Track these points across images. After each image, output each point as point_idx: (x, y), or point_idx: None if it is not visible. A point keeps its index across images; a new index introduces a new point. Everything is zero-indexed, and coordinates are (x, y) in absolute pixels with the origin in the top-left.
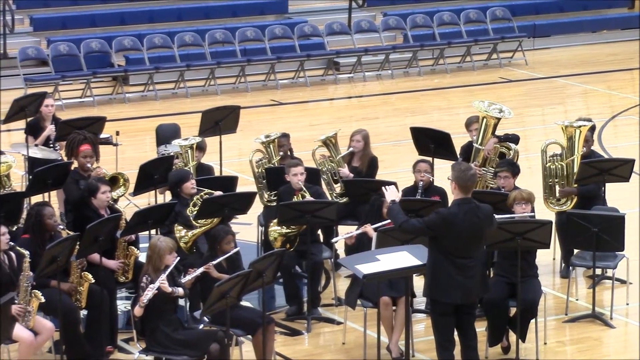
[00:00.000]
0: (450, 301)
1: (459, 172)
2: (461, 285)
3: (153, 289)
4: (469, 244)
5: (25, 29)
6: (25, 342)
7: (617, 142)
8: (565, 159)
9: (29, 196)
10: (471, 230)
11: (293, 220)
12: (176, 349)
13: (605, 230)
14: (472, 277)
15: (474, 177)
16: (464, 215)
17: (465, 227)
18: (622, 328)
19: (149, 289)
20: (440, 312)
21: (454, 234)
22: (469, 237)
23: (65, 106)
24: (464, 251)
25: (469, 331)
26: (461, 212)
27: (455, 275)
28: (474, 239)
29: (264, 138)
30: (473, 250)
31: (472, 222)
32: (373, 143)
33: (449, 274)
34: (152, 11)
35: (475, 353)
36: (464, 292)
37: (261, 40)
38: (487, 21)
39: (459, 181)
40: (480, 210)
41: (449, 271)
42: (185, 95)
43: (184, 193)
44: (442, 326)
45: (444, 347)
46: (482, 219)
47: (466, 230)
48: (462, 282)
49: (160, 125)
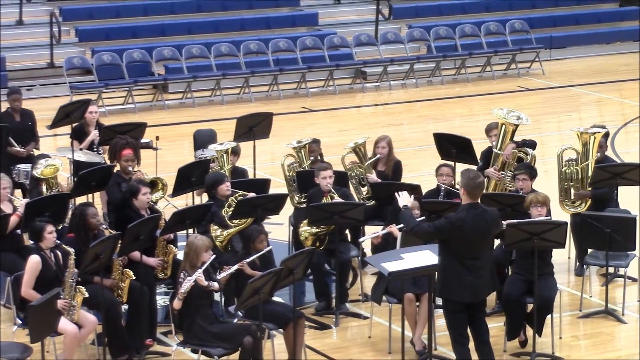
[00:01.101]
0: (461, 300)
1: (468, 179)
2: (471, 284)
3: (190, 281)
4: (477, 246)
5: (71, 39)
6: (69, 334)
7: (629, 148)
8: (580, 163)
9: (74, 197)
10: (479, 233)
11: (322, 220)
12: (212, 342)
13: (618, 231)
14: (481, 277)
15: (482, 184)
16: (472, 220)
17: (473, 230)
18: (634, 324)
19: (186, 281)
20: (453, 310)
21: (463, 237)
22: (477, 240)
23: (108, 112)
24: (473, 253)
25: (481, 327)
26: (469, 216)
27: (465, 276)
28: (481, 241)
29: (296, 143)
30: (481, 251)
31: (480, 226)
32: (398, 148)
33: (458, 274)
34: (190, 23)
35: (489, 347)
36: (473, 291)
37: (293, 51)
38: (507, 33)
39: (467, 188)
40: (487, 214)
41: (458, 272)
42: (221, 103)
43: (219, 195)
44: (456, 323)
45: (459, 342)
46: (489, 222)
47: (474, 233)
48: (471, 281)
49: (197, 131)
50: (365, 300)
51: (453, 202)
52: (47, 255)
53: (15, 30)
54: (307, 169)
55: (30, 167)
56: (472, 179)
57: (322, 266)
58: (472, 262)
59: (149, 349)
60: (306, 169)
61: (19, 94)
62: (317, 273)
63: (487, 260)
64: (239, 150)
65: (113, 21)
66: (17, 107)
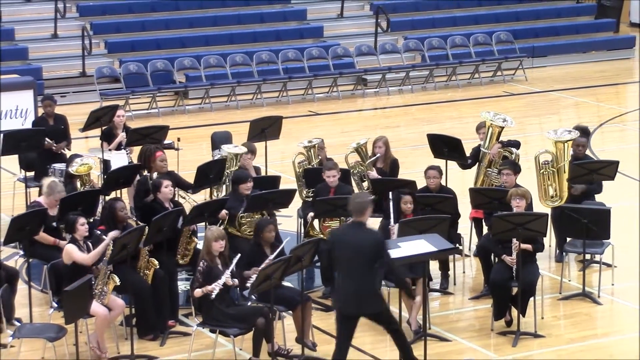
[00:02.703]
0: (335, 307)
1: (353, 200)
2: (343, 296)
3: (219, 284)
4: (354, 260)
5: (100, 51)
6: (100, 316)
7: (604, 147)
8: (556, 165)
9: (104, 193)
10: (357, 249)
11: (328, 213)
12: (228, 323)
13: (594, 221)
14: (354, 292)
15: (362, 204)
16: (353, 235)
17: (351, 245)
18: (608, 305)
19: (216, 285)
20: (336, 318)
21: (341, 249)
22: (354, 255)
23: (135, 117)
24: (349, 268)
25: (387, 325)
26: (350, 231)
27: (341, 287)
28: (358, 258)
29: (307, 143)
30: (356, 269)
31: (358, 243)
32: (395, 148)
33: (338, 284)
34: (208, 36)
35: (400, 331)
36: (344, 303)
37: (300, 60)
38: (493, 44)
39: (351, 207)
40: (368, 235)
41: (338, 282)
42: (236, 107)
43: (239, 191)
44: (337, 329)
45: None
46: (368, 243)
47: (352, 248)
48: (344, 293)
49: (214, 133)
50: None
51: (445, 196)
52: (81, 245)
53: (50, 43)
54: (315, 166)
55: (64, 166)
56: (353, 199)
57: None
58: (348, 275)
59: (171, 329)
60: (314, 166)
61: (53, 101)
62: (323, 260)
63: (362, 279)
64: (255, 150)
65: (139, 34)
66: (51, 112)
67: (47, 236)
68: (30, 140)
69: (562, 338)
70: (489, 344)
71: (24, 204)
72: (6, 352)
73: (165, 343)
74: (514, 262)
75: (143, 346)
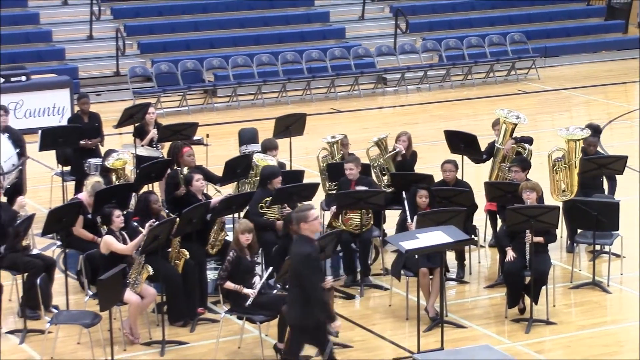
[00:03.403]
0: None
1: (295, 212)
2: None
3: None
4: (292, 274)
5: (133, 52)
6: (133, 304)
7: (614, 142)
8: (567, 162)
9: (137, 187)
10: (294, 262)
11: (349, 205)
12: (254, 310)
13: (603, 214)
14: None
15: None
16: (294, 247)
17: (293, 258)
18: (617, 294)
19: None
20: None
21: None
22: (292, 268)
23: (166, 114)
24: (292, 279)
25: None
26: (296, 245)
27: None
28: (293, 271)
29: (330, 138)
30: (292, 281)
31: (295, 258)
32: (414, 143)
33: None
34: (235, 37)
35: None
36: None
37: (323, 60)
38: (507, 44)
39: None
40: (298, 251)
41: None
42: (262, 105)
43: (270, 185)
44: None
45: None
46: (297, 257)
47: (292, 259)
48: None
49: (242, 129)
50: (386, 274)
51: (461, 190)
52: (117, 235)
53: (86, 44)
54: (338, 161)
55: (99, 160)
56: (296, 211)
57: (350, 244)
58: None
59: (200, 316)
60: (337, 161)
61: (87, 99)
62: (346, 251)
63: (291, 289)
64: (277, 145)
65: (170, 36)
66: (86, 109)
67: (86, 232)
68: (66, 137)
69: (573, 325)
70: (503, 330)
71: (60, 197)
72: (44, 338)
73: (194, 329)
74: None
75: (174, 332)
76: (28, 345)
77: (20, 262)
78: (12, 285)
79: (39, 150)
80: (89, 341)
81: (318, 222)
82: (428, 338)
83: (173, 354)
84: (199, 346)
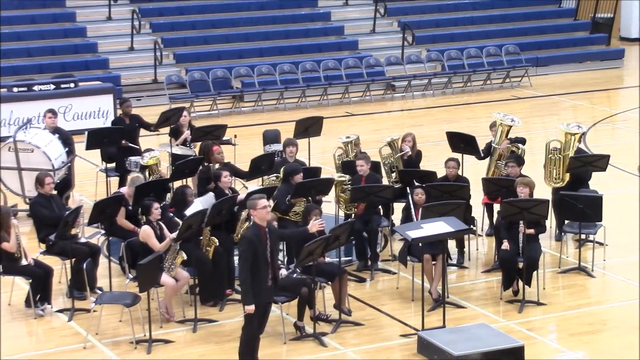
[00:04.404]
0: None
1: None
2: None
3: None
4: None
5: (170, 61)
6: (169, 286)
7: (598, 143)
8: (562, 153)
9: (171, 182)
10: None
11: (361, 199)
12: (277, 292)
13: (589, 206)
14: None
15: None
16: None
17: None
18: (601, 278)
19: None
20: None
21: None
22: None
23: (198, 117)
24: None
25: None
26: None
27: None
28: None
29: (345, 139)
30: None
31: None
32: (419, 143)
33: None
34: (260, 48)
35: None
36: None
37: (339, 69)
38: (503, 55)
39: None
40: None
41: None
42: (284, 109)
43: (292, 180)
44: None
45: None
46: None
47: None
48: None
49: (266, 131)
50: (394, 259)
51: (460, 185)
52: (154, 225)
53: (127, 55)
54: (351, 159)
55: (139, 158)
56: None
57: (362, 233)
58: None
59: (229, 297)
60: (351, 159)
61: (130, 102)
62: (357, 239)
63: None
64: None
65: (202, 47)
66: (129, 112)
67: (128, 223)
68: (110, 137)
69: (561, 305)
70: (499, 310)
71: (104, 191)
72: (90, 316)
73: (223, 309)
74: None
75: (205, 311)
76: (75, 323)
77: (69, 249)
78: (61, 269)
79: (86, 149)
80: (129, 319)
81: (266, 212)
82: (431, 317)
83: (204, 330)
84: (227, 324)
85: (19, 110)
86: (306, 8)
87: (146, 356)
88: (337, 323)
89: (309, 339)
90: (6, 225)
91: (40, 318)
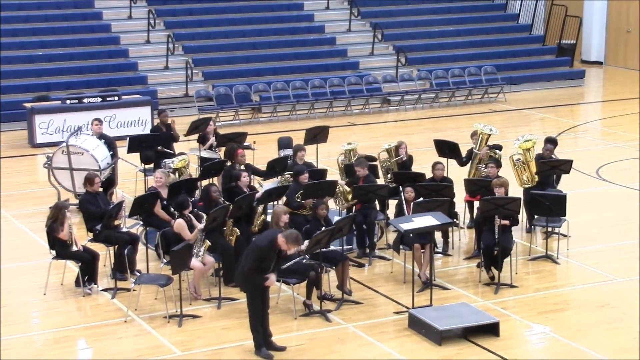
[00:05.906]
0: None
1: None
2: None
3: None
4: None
5: (199, 78)
6: (197, 269)
7: (562, 150)
8: (526, 160)
9: (200, 181)
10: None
11: (361, 196)
12: (288, 275)
13: (555, 204)
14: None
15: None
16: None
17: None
18: (565, 264)
19: None
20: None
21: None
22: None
23: (222, 125)
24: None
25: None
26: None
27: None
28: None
29: (347, 145)
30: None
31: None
32: (411, 149)
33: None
34: (276, 67)
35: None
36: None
37: (342, 86)
38: (482, 74)
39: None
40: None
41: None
42: (296, 119)
43: (300, 181)
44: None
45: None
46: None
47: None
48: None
49: (280, 138)
50: (388, 248)
51: (446, 185)
52: (186, 218)
53: (163, 73)
54: (352, 162)
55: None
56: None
57: (362, 225)
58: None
59: None
60: (352, 162)
61: (167, 113)
62: (358, 230)
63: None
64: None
65: (227, 66)
66: (165, 121)
67: (164, 214)
68: (148, 142)
69: (531, 288)
70: (478, 292)
71: (143, 188)
72: (130, 295)
73: None
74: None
75: (228, 291)
76: (118, 300)
77: (112, 237)
78: (106, 254)
79: (127, 153)
80: (163, 297)
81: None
82: (420, 297)
83: (227, 307)
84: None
85: (71, 119)
86: (315, 34)
87: (177, 329)
88: (340, 302)
89: (316, 315)
90: (62, 217)
91: (87, 296)
